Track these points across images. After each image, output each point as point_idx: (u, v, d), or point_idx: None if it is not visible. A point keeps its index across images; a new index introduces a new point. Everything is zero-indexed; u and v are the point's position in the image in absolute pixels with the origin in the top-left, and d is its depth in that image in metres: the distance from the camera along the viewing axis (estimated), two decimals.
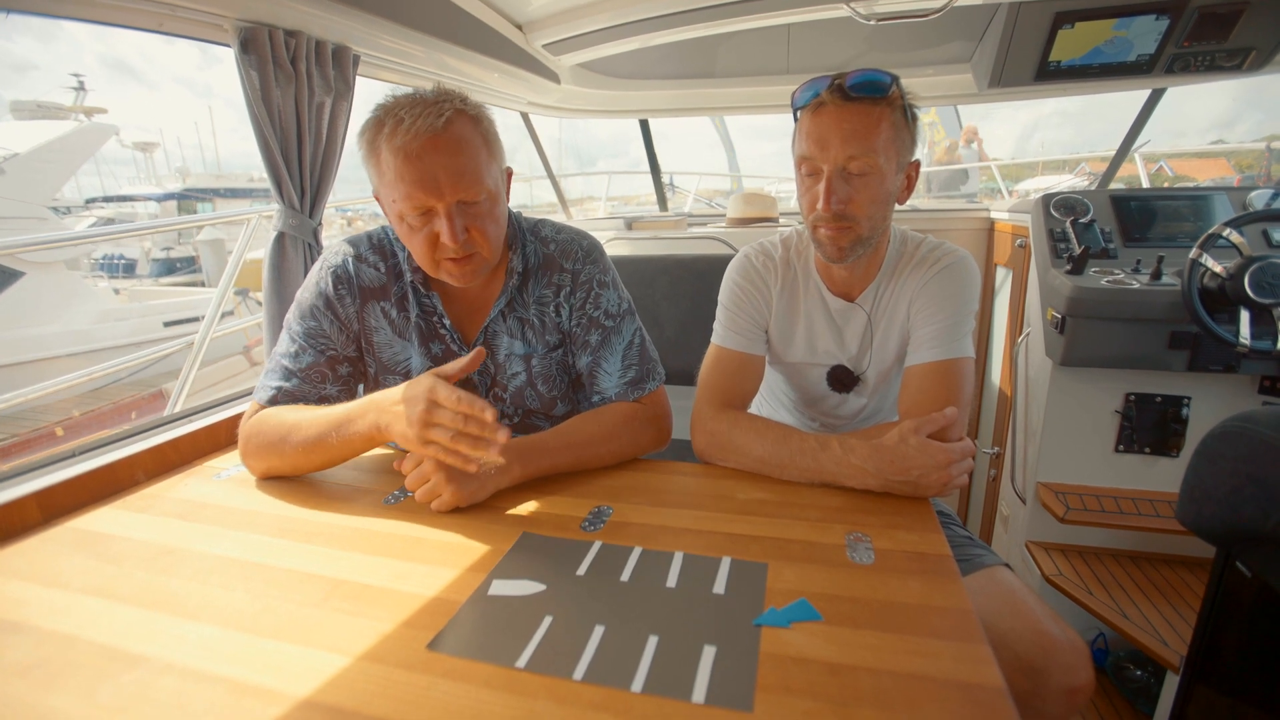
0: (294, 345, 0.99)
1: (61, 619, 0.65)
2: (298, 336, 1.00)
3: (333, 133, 1.36)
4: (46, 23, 1.79)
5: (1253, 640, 0.87)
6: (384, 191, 0.91)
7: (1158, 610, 1.39)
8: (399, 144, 0.84)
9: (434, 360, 1.04)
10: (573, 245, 1.08)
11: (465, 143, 0.88)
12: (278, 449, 0.92)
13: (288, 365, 0.98)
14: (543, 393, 1.08)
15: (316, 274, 1.03)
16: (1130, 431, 1.62)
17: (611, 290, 1.09)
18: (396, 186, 0.86)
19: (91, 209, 19.20)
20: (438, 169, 0.85)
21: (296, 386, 0.98)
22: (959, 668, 0.55)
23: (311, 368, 0.99)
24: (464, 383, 1.05)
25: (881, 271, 1.08)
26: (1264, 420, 0.73)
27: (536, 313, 1.07)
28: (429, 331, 1.04)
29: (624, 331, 1.08)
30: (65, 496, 0.90)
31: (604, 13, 1.60)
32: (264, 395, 0.98)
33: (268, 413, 0.95)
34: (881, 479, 0.86)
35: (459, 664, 0.57)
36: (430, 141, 0.85)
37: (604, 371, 1.06)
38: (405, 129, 0.84)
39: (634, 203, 8.46)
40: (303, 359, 0.99)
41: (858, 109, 0.93)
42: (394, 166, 0.85)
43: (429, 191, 0.86)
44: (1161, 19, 1.59)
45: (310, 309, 1.01)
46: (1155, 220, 1.72)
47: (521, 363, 1.06)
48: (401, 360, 1.05)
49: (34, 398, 2.70)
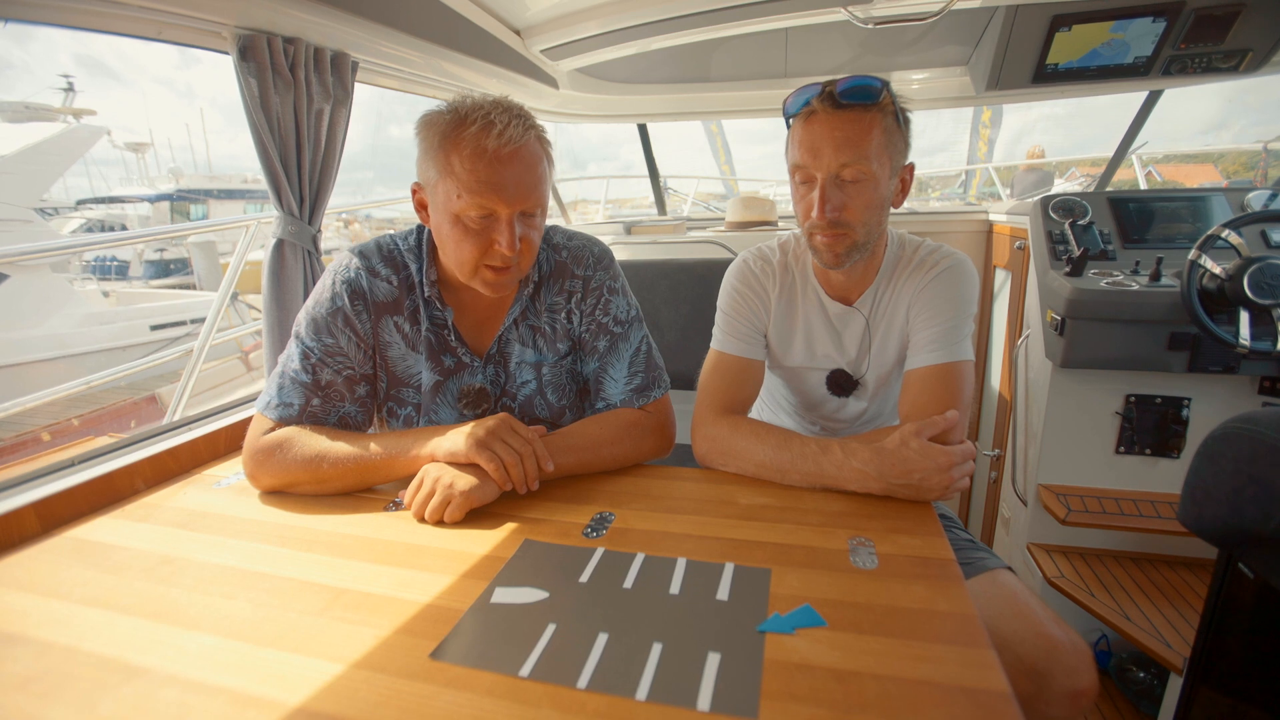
0: (310, 361, 0.96)
1: (61, 630, 0.65)
2: (314, 353, 0.97)
3: (331, 139, 1.36)
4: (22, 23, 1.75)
5: (1256, 641, 0.87)
6: (443, 186, 0.89)
7: (1160, 612, 1.39)
8: (489, 145, 0.86)
9: (444, 374, 1.04)
10: (584, 251, 1.09)
11: (538, 159, 0.92)
12: (311, 468, 0.90)
13: (306, 382, 0.96)
14: (552, 402, 1.08)
15: (330, 288, 0.99)
16: (1131, 433, 1.62)
17: (621, 297, 1.10)
18: (468, 185, 0.87)
19: (81, 210, 19.10)
20: (515, 177, 0.88)
21: (319, 406, 0.96)
22: (963, 672, 0.55)
23: (330, 386, 0.97)
24: (477, 392, 1.05)
25: (879, 275, 1.08)
26: (1265, 421, 0.73)
27: (548, 320, 1.07)
28: (439, 345, 1.04)
29: (632, 338, 1.08)
30: (64, 506, 0.89)
31: (601, 18, 1.61)
32: (283, 413, 0.95)
33: (293, 434, 0.92)
34: (883, 482, 0.86)
35: (462, 673, 0.57)
36: (515, 151, 0.87)
37: (610, 378, 1.06)
38: (497, 134, 0.86)
39: (629, 206, 8.47)
40: (321, 375, 0.96)
41: (849, 116, 0.93)
42: (470, 166, 0.86)
43: (501, 197, 0.87)
44: (1158, 21, 1.60)
45: (326, 325, 0.98)
46: (1153, 222, 1.73)
47: (532, 370, 1.06)
48: (414, 374, 1.04)
49: (20, 406, 2.69)
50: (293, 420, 0.95)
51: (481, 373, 1.05)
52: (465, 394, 1.05)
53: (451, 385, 1.04)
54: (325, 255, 1.40)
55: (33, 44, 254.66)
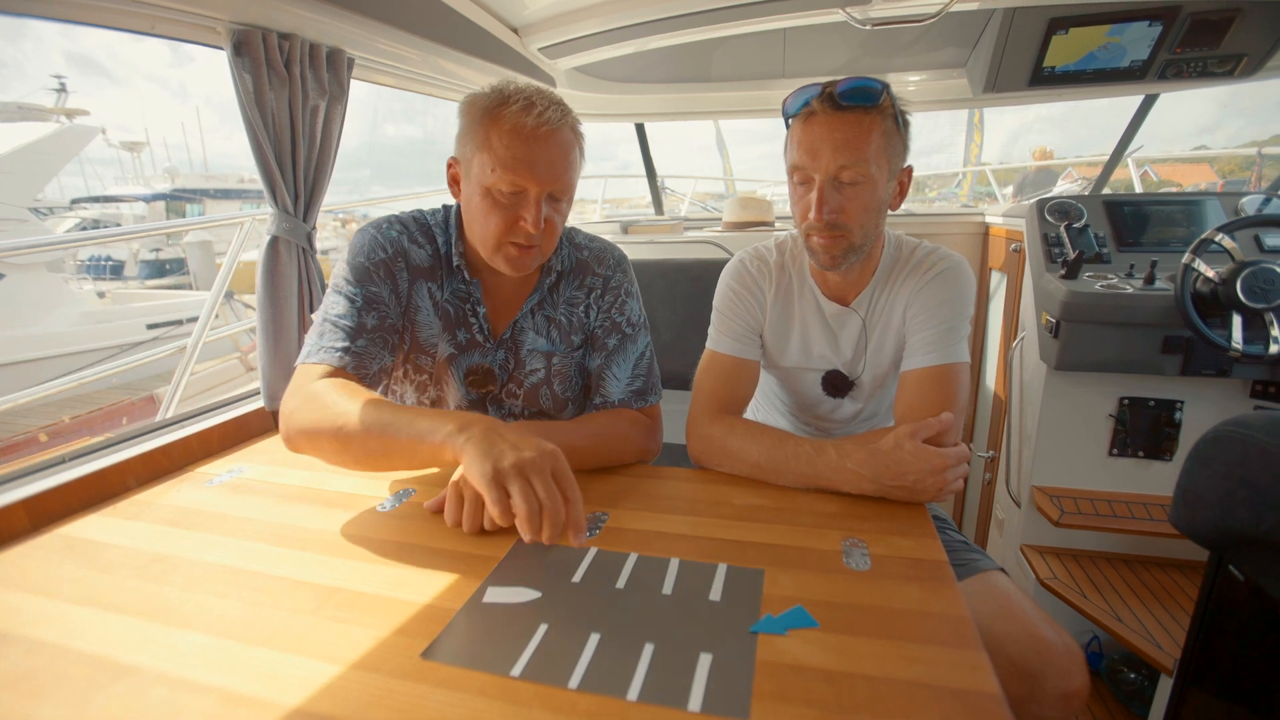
0: (355, 305, 0.94)
1: (51, 628, 0.64)
2: (358, 297, 0.94)
3: (327, 136, 1.36)
4: (11, 18, 1.74)
5: (1245, 643, 0.88)
6: (479, 160, 0.91)
7: (1151, 613, 1.39)
8: (527, 123, 0.88)
9: (459, 347, 1.04)
10: (606, 253, 1.13)
11: (571, 146, 0.95)
12: (336, 423, 0.81)
13: (350, 325, 0.92)
14: (557, 392, 1.09)
15: (373, 241, 0.99)
16: (1124, 435, 1.63)
17: (635, 301, 1.13)
18: (502, 159, 0.89)
19: (76, 209, 18.96)
20: (548, 157, 0.91)
21: (364, 348, 0.93)
22: (955, 674, 0.55)
23: (375, 331, 0.95)
24: (484, 373, 1.06)
25: (876, 276, 1.09)
26: (1256, 425, 0.73)
27: (565, 312, 1.09)
28: (458, 317, 1.05)
29: (639, 342, 1.11)
30: (55, 503, 0.89)
31: (599, 17, 1.60)
32: (329, 357, 0.90)
33: (330, 385, 0.86)
34: (877, 484, 0.86)
35: (453, 672, 0.57)
36: (551, 133, 0.91)
37: (613, 376, 1.08)
38: (536, 114, 0.89)
39: (626, 205, 8.46)
40: (366, 319, 0.94)
41: (849, 118, 0.93)
42: (507, 141, 0.89)
43: (532, 174, 0.90)
44: (1154, 25, 1.60)
45: (369, 273, 0.96)
46: (1148, 225, 1.74)
47: (543, 359, 1.07)
48: (434, 343, 1.04)
49: (19, 402, 2.67)
50: (336, 362, 0.90)
51: (492, 355, 1.06)
52: (473, 372, 1.06)
53: (463, 361, 1.05)
54: (321, 255, 1.39)
55: (24, 42, 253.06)
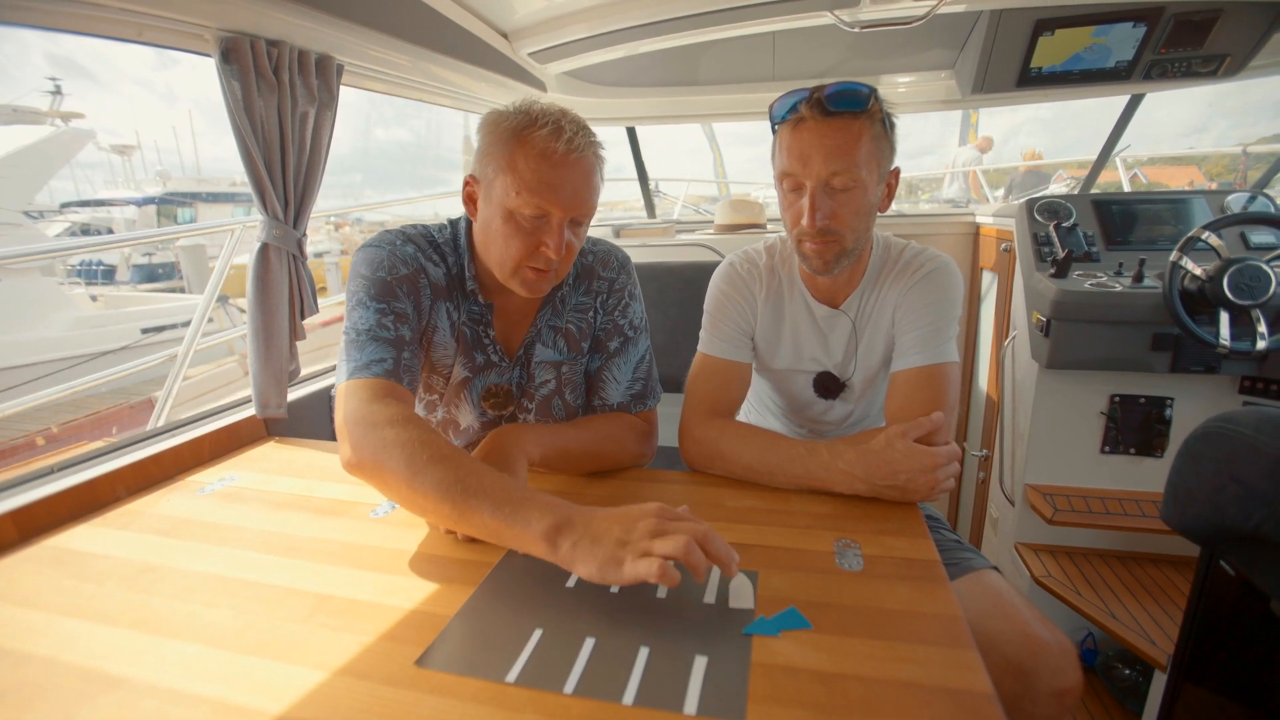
0: (386, 318, 0.89)
1: (40, 640, 0.64)
2: (387, 311, 0.89)
3: (316, 143, 1.35)
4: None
5: (1237, 637, 0.88)
6: (501, 182, 0.89)
7: (1145, 609, 1.40)
8: (557, 148, 0.87)
9: (474, 370, 1.03)
10: (610, 256, 1.11)
11: (594, 171, 0.94)
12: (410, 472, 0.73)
13: (388, 337, 0.87)
14: (569, 401, 1.09)
15: (390, 258, 0.93)
16: (1115, 433, 1.64)
17: (638, 304, 1.12)
18: (529, 183, 0.87)
19: (65, 214, 18.81)
20: (574, 183, 0.90)
21: (409, 361, 0.89)
22: (948, 674, 0.55)
23: (412, 343, 0.90)
24: (504, 393, 1.05)
25: (865, 278, 1.09)
26: (1244, 421, 0.74)
27: (574, 319, 1.08)
28: (474, 340, 1.03)
29: (640, 346, 1.10)
30: (43, 514, 0.88)
31: (589, 21, 1.61)
32: (379, 370, 0.84)
33: (406, 414, 0.79)
34: (869, 484, 0.86)
35: (447, 680, 0.56)
36: (579, 159, 0.90)
37: (613, 379, 1.07)
38: (565, 139, 0.87)
39: (620, 208, 8.45)
40: (401, 330, 0.89)
41: (838, 124, 0.93)
42: (534, 166, 0.87)
43: (558, 199, 0.88)
44: (1139, 26, 1.62)
45: (393, 288, 0.91)
46: (1136, 224, 1.75)
47: (552, 370, 1.07)
48: (448, 364, 1.03)
49: (13, 410, 2.64)
50: (392, 375, 0.85)
51: (509, 374, 1.05)
52: (491, 393, 1.05)
53: (478, 383, 1.04)
54: (315, 258, 1.39)
55: (6, 45, 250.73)
